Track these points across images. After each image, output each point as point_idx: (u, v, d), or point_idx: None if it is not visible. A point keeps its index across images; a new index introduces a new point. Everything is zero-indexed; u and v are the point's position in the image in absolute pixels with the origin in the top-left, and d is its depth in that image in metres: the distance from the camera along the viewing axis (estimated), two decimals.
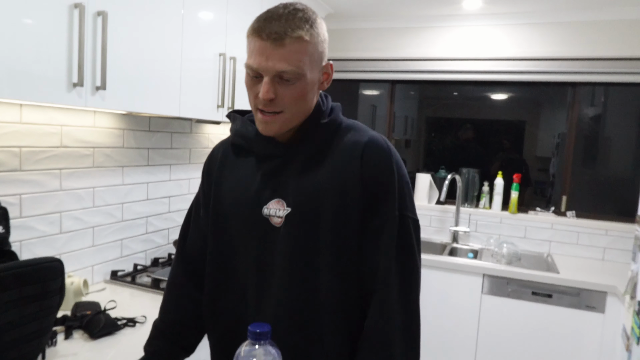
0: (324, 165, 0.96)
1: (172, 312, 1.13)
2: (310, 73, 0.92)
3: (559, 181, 3.16)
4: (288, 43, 0.88)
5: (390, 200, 0.95)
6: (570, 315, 2.45)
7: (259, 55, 0.89)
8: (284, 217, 0.97)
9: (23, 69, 1.20)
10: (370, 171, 0.94)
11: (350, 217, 0.94)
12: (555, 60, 2.98)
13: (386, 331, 0.92)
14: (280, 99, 0.91)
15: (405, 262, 0.95)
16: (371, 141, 0.97)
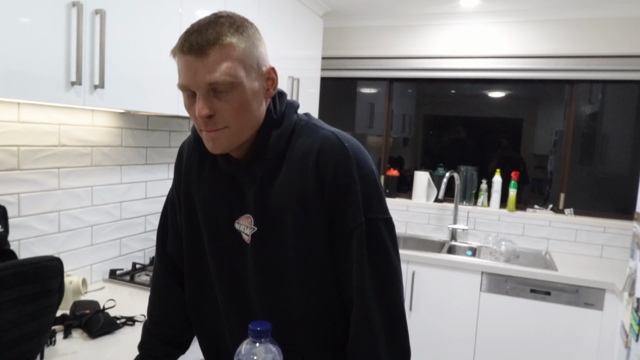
0: (282, 179, 0.91)
1: (159, 313, 1.12)
2: (247, 81, 0.84)
3: (556, 179, 3.17)
4: (212, 52, 0.81)
5: (354, 206, 0.88)
6: (569, 313, 2.46)
7: (186, 72, 0.83)
8: (250, 236, 0.94)
9: (21, 68, 1.20)
10: (328, 178, 0.87)
11: (315, 229, 0.90)
12: (552, 58, 2.99)
13: (371, 342, 0.88)
14: (219, 115, 0.84)
15: (381, 265, 0.89)
16: (324, 145, 0.89)
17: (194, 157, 1.04)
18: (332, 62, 3.45)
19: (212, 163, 1.00)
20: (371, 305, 0.87)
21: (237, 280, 0.98)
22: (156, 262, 1.15)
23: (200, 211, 1.01)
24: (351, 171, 0.88)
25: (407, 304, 2.77)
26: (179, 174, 1.09)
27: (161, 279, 1.13)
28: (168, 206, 1.14)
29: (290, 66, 2.65)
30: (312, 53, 2.95)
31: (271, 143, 0.91)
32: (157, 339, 1.11)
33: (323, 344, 0.96)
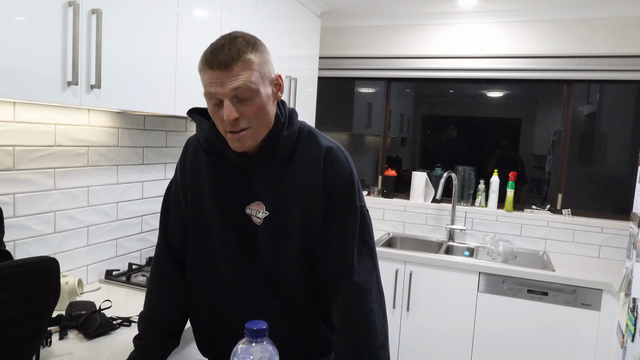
0: (291, 174, 1.11)
1: (161, 302, 1.22)
2: (263, 88, 1.03)
3: (554, 179, 3.17)
4: (236, 67, 0.98)
5: (352, 197, 1.12)
6: (566, 313, 2.46)
7: (213, 84, 1.00)
8: (262, 219, 1.12)
9: (17, 67, 1.19)
10: (332, 178, 1.10)
11: (315, 216, 1.11)
12: (550, 58, 2.99)
13: (368, 301, 1.08)
14: (243, 117, 1.02)
15: (369, 243, 1.13)
16: (329, 151, 1.12)
17: (202, 154, 1.18)
18: (329, 61, 3.45)
19: (221, 158, 1.15)
20: (364, 275, 1.09)
21: (247, 259, 1.15)
22: (158, 251, 1.26)
23: (210, 199, 1.16)
24: (350, 173, 1.13)
25: (405, 304, 2.77)
26: (184, 168, 1.22)
27: (164, 268, 1.24)
28: (170, 199, 1.26)
29: (287, 66, 2.64)
30: (310, 52, 2.95)
31: (282, 143, 1.10)
32: (157, 329, 1.19)
33: (317, 307, 1.18)
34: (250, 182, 1.13)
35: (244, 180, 1.14)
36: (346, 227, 1.10)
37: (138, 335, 1.19)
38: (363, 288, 1.08)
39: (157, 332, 1.18)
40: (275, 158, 1.11)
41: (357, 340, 1.05)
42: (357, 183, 1.14)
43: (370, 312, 1.06)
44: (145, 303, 1.24)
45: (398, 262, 2.77)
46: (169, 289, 1.23)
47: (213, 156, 1.16)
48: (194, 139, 1.22)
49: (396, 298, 2.78)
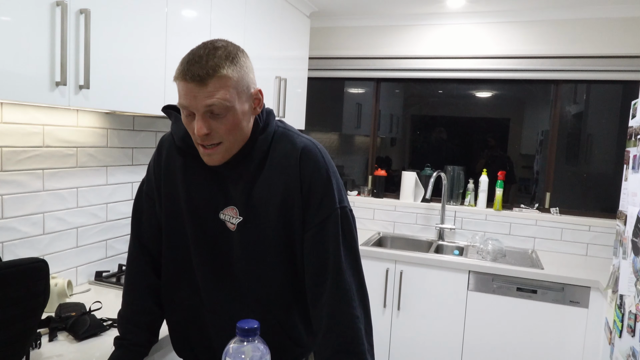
0: (265, 176, 1.08)
1: (138, 302, 1.21)
2: (239, 104, 0.99)
3: (542, 178, 3.21)
4: (211, 83, 0.95)
5: (330, 197, 1.07)
6: (555, 311, 2.49)
7: (187, 96, 0.97)
8: (236, 225, 1.09)
9: (4, 68, 1.18)
10: (308, 177, 1.06)
11: (293, 219, 1.07)
12: (537, 58, 3.03)
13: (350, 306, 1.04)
14: (215, 132, 0.99)
15: (351, 245, 1.08)
16: (305, 150, 1.07)
17: (176, 154, 1.15)
18: (319, 62, 3.46)
19: (195, 160, 1.11)
20: (347, 279, 1.05)
21: (220, 264, 1.13)
22: (132, 251, 1.24)
23: (184, 203, 1.13)
24: (327, 170, 1.08)
25: (395, 303, 2.78)
26: (158, 169, 1.19)
27: (139, 268, 1.23)
28: (142, 198, 1.23)
29: (277, 66, 2.65)
30: (299, 53, 2.96)
31: (257, 146, 1.07)
32: (138, 327, 1.19)
33: (295, 311, 1.16)
34: (225, 186, 1.10)
35: (218, 184, 1.10)
36: (327, 229, 1.06)
37: (120, 336, 1.19)
38: (346, 293, 1.04)
39: (138, 331, 1.18)
40: (250, 161, 1.07)
41: (343, 347, 1.02)
42: (336, 182, 1.09)
43: (355, 318, 1.04)
44: (123, 303, 1.23)
45: (388, 262, 2.78)
46: (146, 288, 1.22)
47: (187, 157, 1.13)
48: (168, 138, 1.19)
49: (387, 297, 2.79)
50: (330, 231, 1.06)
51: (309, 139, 1.12)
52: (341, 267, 1.05)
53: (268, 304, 1.13)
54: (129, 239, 1.26)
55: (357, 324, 1.04)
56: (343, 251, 1.06)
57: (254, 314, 1.10)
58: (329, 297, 1.05)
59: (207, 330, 1.17)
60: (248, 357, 0.87)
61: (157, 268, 1.23)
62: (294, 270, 1.12)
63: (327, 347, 1.04)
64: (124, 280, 1.26)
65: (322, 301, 1.06)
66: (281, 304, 1.14)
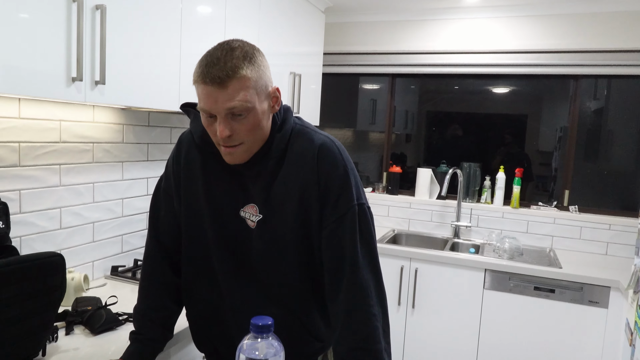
0: (284, 174, 1.08)
1: (155, 298, 1.22)
2: (259, 104, 0.99)
3: (561, 175, 3.15)
4: (231, 85, 0.94)
5: (347, 193, 1.06)
6: (573, 311, 2.45)
7: (207, 100, 0.96)
8: (256, 222, 1.10)
9: (21, 64, 1.19)
10: (326, 174, 1.06)
11: (311, 216, 1.07)
12: (556, 53, 2.96)
13: (367, 305, 1.04)
14: (237, 134, 0.99)
15: (369, 243, 1.07)
16: (322, 147, 1.07)
17: (195, 152, 1.15)
18: (333, 57, 3.44)
19: (216, 158, 1.11)
20: (365, 276, 1.05)
21: (241, 261, 1.13)
22: (149, 247, 1.24)
23: (204, 200, 1.13)
24: (345, 167, 1.07)
25: (410, 301, 2.76)
26: (177, 166, 1.19)
27: (156, 264, 1.23)
28: (160, 194, 1.23)
29: (291, 62, 2.63)
30: (314, 49, 2.94)
31: (275, 144, 1.07)
32: (154, 323, 1.19)
33: (314, 307, 1.16)
34: (245, 184, 1.10)
35: (238, 181, 1.11)
36: (344, 226, 1.05)
37: (135, 331, 1.19)
38: (364, 291, 1.04)
39: (153, 327, 1.19)
40: (268, 159, 1.07)
41: (359, 344, 1.02)
42: (354, 179, 1.08)
43: (372, 316, 1.03)
44: (139, 298, 1.24)
45: (403, 259, 2.75)
46: (162, 284, 1.22)
47: (207, 155, 1.13)
48: (187, 136, 1.19)
49: (401, 295, 2.77)
50: (348, 228, 1.05)
51: (326, 136, 1.11)
52: (358, 264, 1.04)
53: (288, 299, 1.13)
54: (146, 235, 1.27)
55: (374, 322, 1.03)
56: (360, 248, 1.05)
57: (274, 309, 1.10)
58: (346, 294, 1.05)
59: (228, 325, 1.18)
60: (262, 354, 0.86)
61: (174, 264, 1.23)
62: (312, 267, 1.12)
63: (343, 344, 1.04)
64: (140, 275, 1.26)
65: (340, 298, 1.06)
66: (301, 299, 1.14)
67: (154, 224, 1.25)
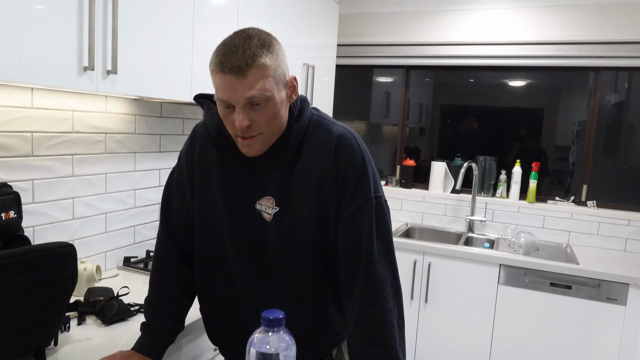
0: (301, 166, 1.06)
1: (166, 289, 1.21)
2: (277, 93, 0.98)
3: (578, 170, 3.08)
4: (250, 73, 0.93)
5: (365, 186, 1.05)
6: (590, 308, 2.40)
7: (226, 89, 0.94)
8: (272, 215, 1.08)
9: (33, 53, 1.18)
10: (344, 166, 1.04)
11: (328, 208, 1.06)
12: (576, 44, 2.89)
13: (384, 299, 1.03)
14: (255, 124, 0.97)
15: (385, 236, 1.06)
16: (340, 139, 1.05)
17: (209, 144, 1.13)
18: (347, 49, 3.40)
19: (230, 150, 1.10)
20: (381, 270, 1.04)
21: (256, 254, 1.11)
22: (161, 239, 1.23)
23: (219, 194, 1.11)
24: (363, 159, 1.06)
25: (423, 295, 2.73)
26: (191, 159, 1.17)
27: (167, 256, 1.22)
28: (173, 187, 1.22)
29: (305, 54, 2.60)
30: (328, 40, 2.90)
31: (292, 135, 1.05)
32: (165, 315, 1.19)
33: (330, 300, 1.14)
34: (260, 176, 1.09)
35: (253, 174, 1.09)
36: (360, 219, 1.04)
37: (146, 322, 1.19)
38: (380, 285, 1.03)
39: (164, 319, 1.18)
40: (285, 151, 1.06)
41: (373, 339, 1.01)
42: (371, 171, 1.07)
43: (387, 311, 1.02)
44: (150, 290, 1.23)
45: (416, 253, 2.72)
46: (173, 276, 1.21)
47: (221, 147, 1.11)
48: (201, 128, 1.17)
49: (414, 289, 2.74)
50: (365, 221, 1.04)
51: (344, 127, 1.10)
52: (374, 258, 1.03)
53: (303, 293, 1.12)
54: (158, 227, 1.25)
55: (389, 317, 1.02)
56: (376, 242, 1.04)
57: (289, 302, 1.09)
58: (361, 288, 1.04)
59: (242, 319, 1.16)
60: (273, 348, 0.84)
61: (186, 257, 1.22)
62: (328, 260, 1.11)
63: (358, 338, 1.03)
64: (152, 267, 1.26)
65: (355, 292, 1.04)
66: (316, 293, 1.13)
67: (165, 216, 1.23)
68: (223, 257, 1.15)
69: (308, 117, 1.09)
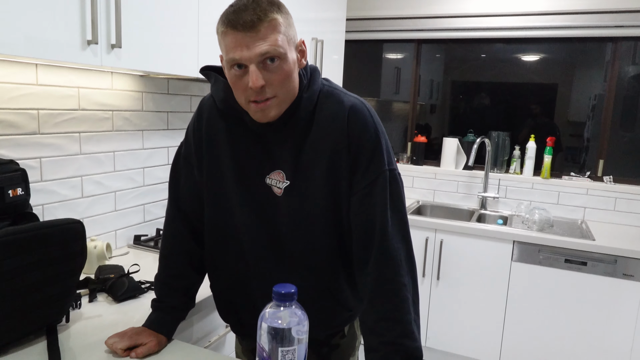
0: (312, 138, 1.02)
1: (176, 265, 1.19)
2: (289, 53, 0.95)
3: (594, 145, 3.00)
4: (263, 28, 0.90)
5: (378, 157, 1.01)
6: (606, 284, 2.36)
7: (238, 47, 0.91)
8: (283, 189, 1.05)
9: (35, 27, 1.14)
10: (356, 138, 1.01)
11: (341, 181, 1.03)
12: (593, 14, 2.79)
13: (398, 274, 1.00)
14: (269, 85, 0.94)
15: (400, 210, 1.04)
16: (353, 109, 1.02)
17: (217, 117, 1.10)
18: (357, 23, 3.32)
19: (239, 123, 1.07)
20: (395, 245, 1.01)
21: (267, 229, 1.09)
22: (170, 215, 1.21)
23: (229, 168, 1.09)
24: (375, 130, 1.02)
25: (435, 273, 2.71)
26: (198, 133, 1.14)
27: (177, 232, 1.20)
28: (180, 162, 1.19)
29: (313, 28, 2.54)
30: (337, 14, 2.83)
31: (302, 106, 1.01)
32: (175, 291, 1.18)
33: (342, 275, 1.12)
34: (270, 149, 1.05)
35: (263, 147, 1.06)
36: (374, 192, 1.01)
37: (157, 299, 1.18)
38: (394, 260, 1.00)
39: (175, 295, 1.17)
40: (296, 122, 1.02)
41: (388, 314, 0.99)
42: (385, 143, 1.03)
43: (402, 286, 0.99)
44: (159, 267, 1.21)
45: (428, 231, 2.69)
46: (182, 252, 1.19)
47: (230, 120, 1.08)
48: (208, 101, 1.13)
49: (426, 267, 2.72)
50: (378, 195, 1.01)
51: (356, 98, 1.05)
52: (388, 232, 1.00)
53: (315, 268, 1.09)
54: (167, 203, 1.23)
55: (404, 292, 0.99)
56: (391, 215, 1.01)
57: (301, 279, 1.06)
58: (375, 263, 1.01)
59: (253, 295, 1.14)
60: (285, 323, 0.82)
61: (195, 232, 1.20)
62: (340, 235, 1.08)
63: (371, 313, 1.01)
64: (161, 244, 1.24)
65: (369, 267, 1.02)
66: (328, 268, 1.10)
67: (174, 191, 1.21)
68: (233, 232, 1.12)
69: (319, 87, 1.05)
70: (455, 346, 2.72)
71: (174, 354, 1.09)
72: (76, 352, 1.08)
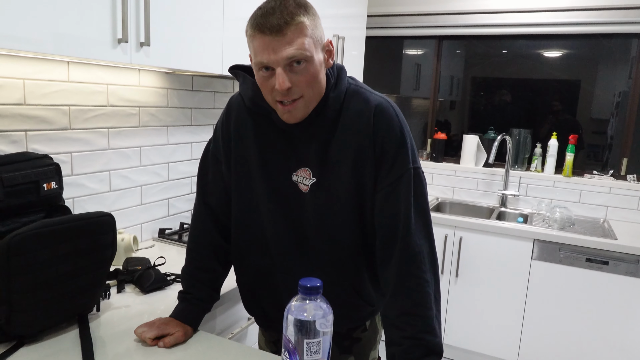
0: (339, 136, 1.04)
1: (202, 258, 1.22)
2: (315, 54, 0.97)
3: (618, 143, 2.96)
4: (289, 31, 0.92)
5: (403, 156, 1.03)
6: (628, 284, 2.34)
7: (265, 51, 0.93)
8: (309, 186, 1.07)
9: (68, 25, 1.18)
10: (382, 136, 1.02)
11: (365, 179, 1.05)
12: (618, 10, 2.74)
13: (420, 270, 1.02)
14: (296, 86, 0.96)
15: (423, 207, 1.05)
16: (379, 108, 1.03)
17: (245, 115, 1.13)
18: (377, 19, 3.32)
19: (266, 121, 1.10)
20: (418, 242, 1.03)
21: (293, 226, 1.12)
22: (197, 210, 1.25)
23: (256, 165, 1.11)
24: (401, 129, 1.04)
25: (453, 270, 2.71)
26: (227, 130, 1.17)
27: (204, 227, 1.23)
28: (209, 158, 1.22)
29: (335, 25, 2.55)
30: (358, 10, 2.84)
31: (329, 105, 1.04)
32: (202, 283, 1.21)
33: (365, 271, 1.15)
34: (297, 147, 1.08)
35: (290, 144, 1.08)
36: (398, 190, 1.03)
37: (184, 290, 1.21)
38: (417, 256, 1.02)
39: (201, 287, 1.20)
40: (323, 120, 1.05)
41: (410, 309, 1.01)
42: (410, 142, 1.05)
43: (425, 282, 1.01)
44: (186, 260, 1.25)
45: (447, 228, 2.69)
46: (209, 245, 1.23)
47: (258, 118, 1.11)
48: (237, 99, 1.17)
49: (445, 264, 2.72)
50: (402, 192, 1.03)
51: (382, 97, 1.07)
52: (411, 229, 1.02)
53: (339, 264, 1.12)
54: (195, 198, 1.27)
55: (426, 288, 1.01)
56: (414, 213, 1.03)
57: (325, 274, 1.08)
58: (398, 259, 1.03)
59: (278, 290, 1.17)
60: (310, 315, 0.85)
61: (221, 227, 1.23)
62: (364, 231, 1.10)
63: (393, 308, 1.03)
64: (188, 237, 1.27)
65: (392, 263, 1.04)
66: (352, 263, 1.12)
67: (202, 187, 1.25)
68: (260, 227, 1.15)
69: (345, 86, 1.07)
70: (473, 343, 2.72)
71: (200, 344, 1.13)
72: (106, 340, 1.12)
